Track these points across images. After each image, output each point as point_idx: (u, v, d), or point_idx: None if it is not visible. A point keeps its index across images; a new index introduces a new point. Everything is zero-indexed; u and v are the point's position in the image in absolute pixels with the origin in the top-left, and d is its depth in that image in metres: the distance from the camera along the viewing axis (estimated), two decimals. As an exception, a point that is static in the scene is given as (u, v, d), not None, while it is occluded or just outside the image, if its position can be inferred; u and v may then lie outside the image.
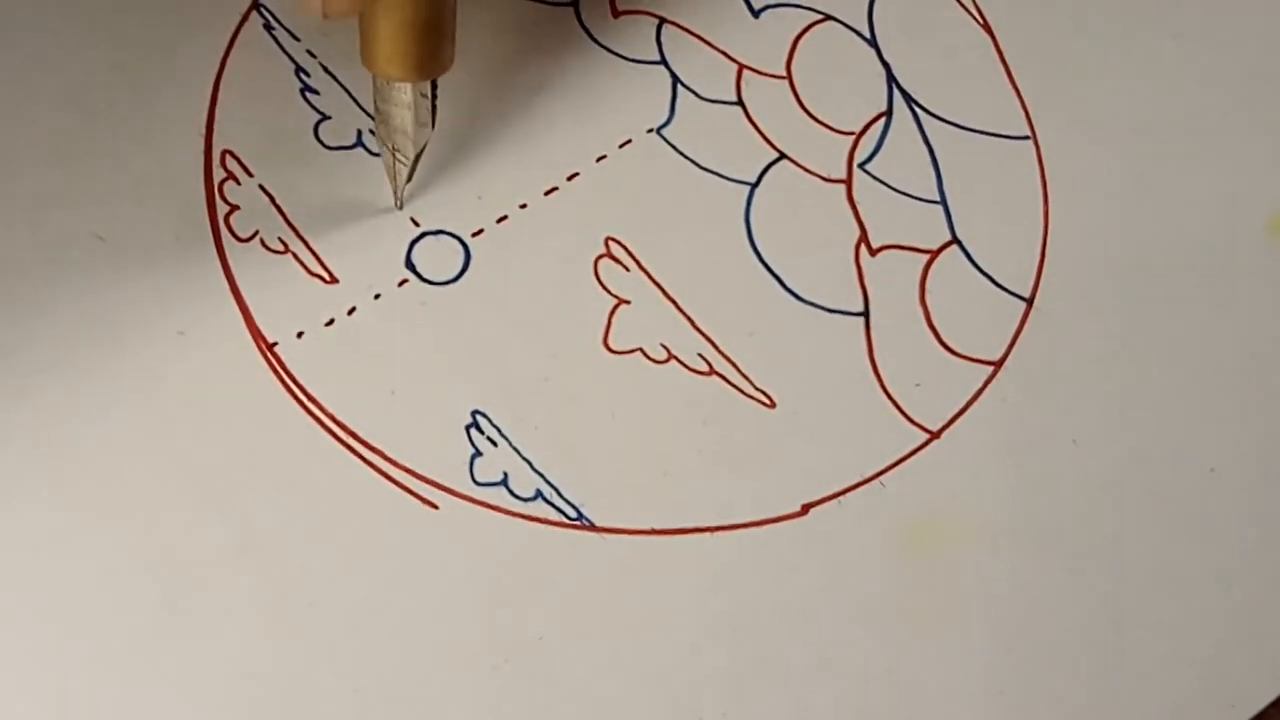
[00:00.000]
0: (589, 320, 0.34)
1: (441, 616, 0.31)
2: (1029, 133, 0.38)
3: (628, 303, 0.34)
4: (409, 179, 0.34)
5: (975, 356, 0.35)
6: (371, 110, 0.33)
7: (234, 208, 0.34)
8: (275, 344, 0.33)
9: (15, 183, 0.33)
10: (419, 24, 0.31)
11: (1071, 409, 0.34)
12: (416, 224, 0.34)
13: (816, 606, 0.32)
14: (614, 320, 0.34)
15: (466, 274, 0.34)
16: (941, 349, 0.35)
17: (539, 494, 0.32)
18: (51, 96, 0.34)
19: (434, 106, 0.33)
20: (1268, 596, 0.33)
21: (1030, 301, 0.36)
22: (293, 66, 0.36)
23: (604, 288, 0.34)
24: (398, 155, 0.33)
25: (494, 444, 0.32)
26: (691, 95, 0.37)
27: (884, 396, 0.34)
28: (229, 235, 0.34)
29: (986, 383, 0.35)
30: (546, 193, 0.35)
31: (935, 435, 0.34)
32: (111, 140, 0.34)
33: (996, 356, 0.35)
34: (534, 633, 0.31)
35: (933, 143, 0.37)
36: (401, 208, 0.34)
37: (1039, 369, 0.35)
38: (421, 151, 0.33)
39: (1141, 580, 0.33)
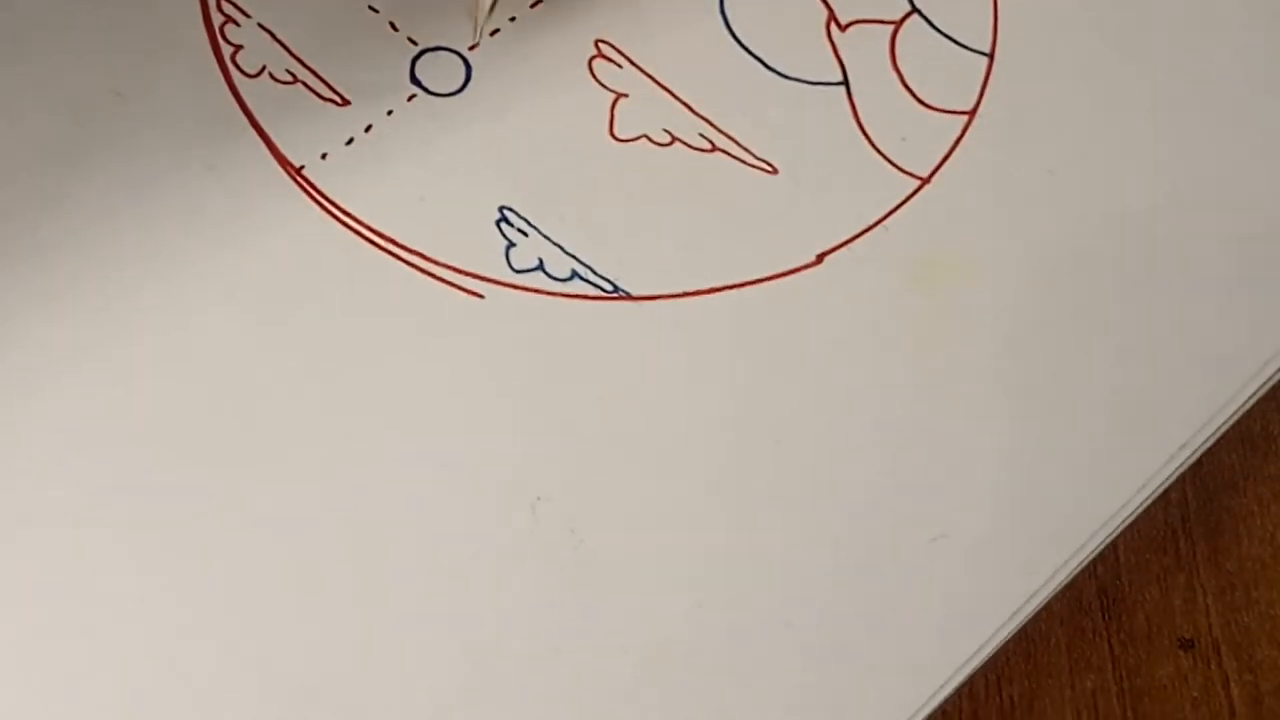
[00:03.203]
0: (592, 115, 0.36)
1: (498, 399, 0.32)
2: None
3: (625, 96, 0.36)
4: (490, 9, 0.35)
5: (950, 109, 0.38)
6: None
7: (238, 47, 0.35)
8: (303, 167, 0.34)
9: (28, 51, 0.34)
10: None
11: (1043, 142, 0.37)
12: (414, 43, 0.36)
13: (841, 343, 0.34)
14: (616, 113, 0.36)
15: (470, 85, 0.36)
16: (919, 105, 0.37)
17: (574, 274, 0.34)
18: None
19: None
20: (1263, 270, 0.36)
21: (991, 55, 0.38)
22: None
23: (601, 84, 0.36)
24: None
25: (525, 234, 0.34)
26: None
27: (874, 152, 0.37)
28: (238, 73, 0.35)
29: (964, 130, 0.37)
30: (533, 5, 0.37)
31: (926, 180, 0.36)
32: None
33: (969, 106, 0.38)
34: (587, 399, 0.33)
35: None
36: (477, 45, 0.36)
37: (1008, 112, 0.38)
38: None
39: (1134, 283, 0.36)
